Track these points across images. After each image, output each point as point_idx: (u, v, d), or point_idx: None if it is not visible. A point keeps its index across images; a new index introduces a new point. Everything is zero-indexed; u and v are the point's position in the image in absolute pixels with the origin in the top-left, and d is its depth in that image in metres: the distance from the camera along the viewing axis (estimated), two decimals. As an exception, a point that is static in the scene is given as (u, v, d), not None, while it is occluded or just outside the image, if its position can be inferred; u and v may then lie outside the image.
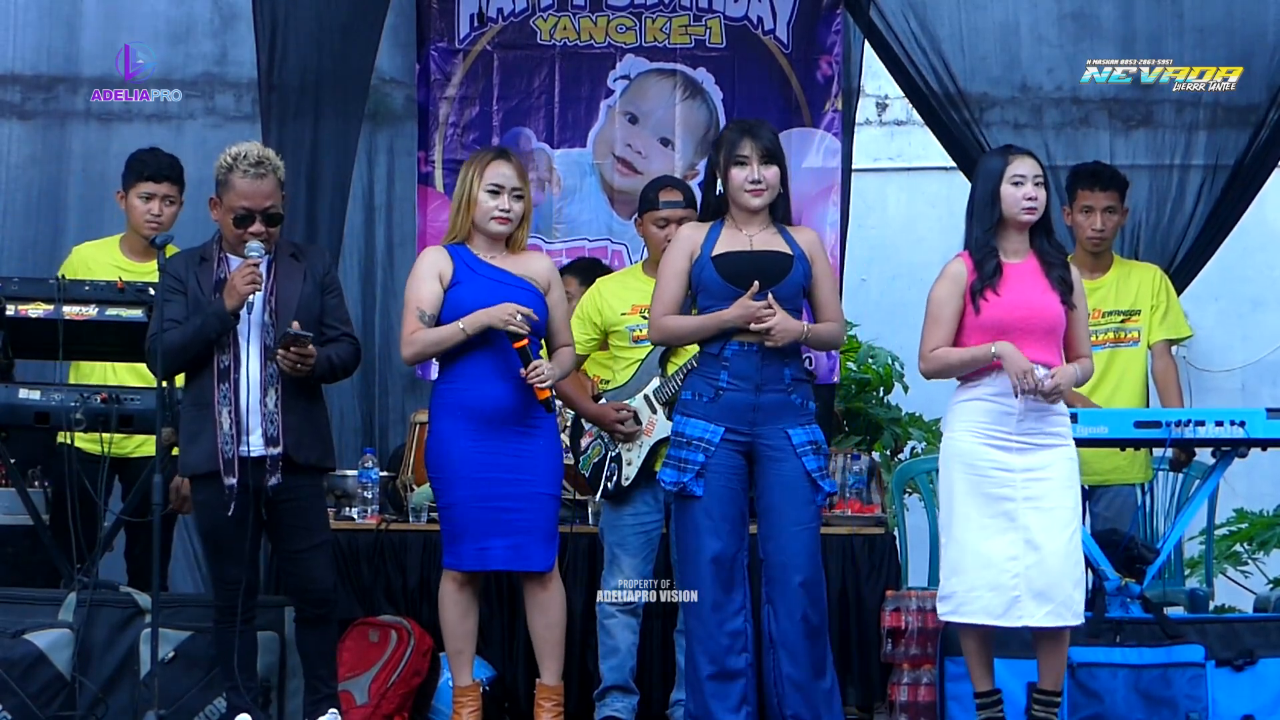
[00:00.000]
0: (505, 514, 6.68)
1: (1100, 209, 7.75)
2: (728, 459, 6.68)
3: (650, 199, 7.39)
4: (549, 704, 6.81)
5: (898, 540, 7.80)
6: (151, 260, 7.59)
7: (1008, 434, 6.53)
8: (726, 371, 6.68)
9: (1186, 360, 9.00)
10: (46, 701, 6.93)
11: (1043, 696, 6.58)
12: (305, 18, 8.06)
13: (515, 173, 6.77)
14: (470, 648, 6.83)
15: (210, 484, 6.64)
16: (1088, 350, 6.70)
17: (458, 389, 6.72)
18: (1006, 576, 6.47)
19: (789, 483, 6.67)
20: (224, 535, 6.66)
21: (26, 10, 8.58)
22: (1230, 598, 8.96)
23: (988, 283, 6.54)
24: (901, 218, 10.58)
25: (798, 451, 6.68)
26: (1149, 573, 7.14)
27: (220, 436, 6.60)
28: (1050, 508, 6.50)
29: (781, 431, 6.69)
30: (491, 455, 6.68)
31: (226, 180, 6.68)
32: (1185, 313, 7.97)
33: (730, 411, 6.67)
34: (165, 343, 6.60)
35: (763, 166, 6.72)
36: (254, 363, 6.65)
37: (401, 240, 8.88)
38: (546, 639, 6.80)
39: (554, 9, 8.79)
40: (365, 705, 7.15)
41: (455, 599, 6.78)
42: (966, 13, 8.30)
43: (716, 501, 6.67)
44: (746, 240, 6.74)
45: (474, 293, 6.70)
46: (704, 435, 6.67)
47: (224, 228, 6.73)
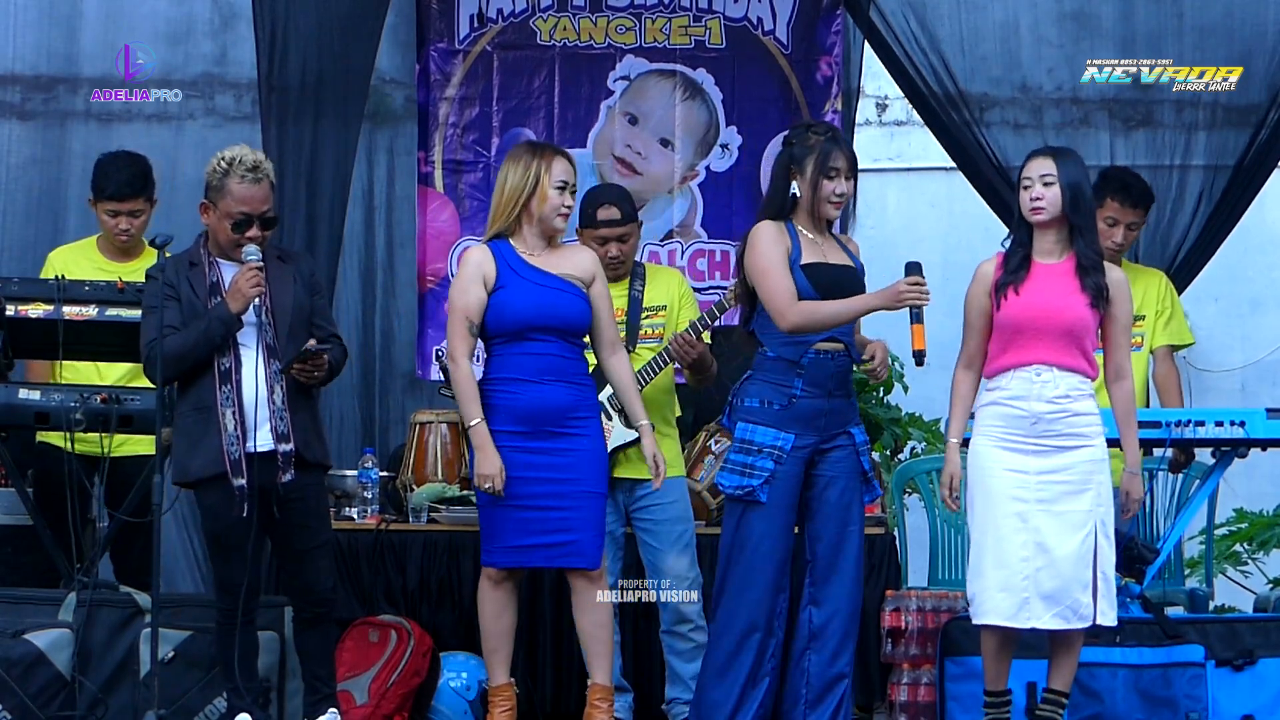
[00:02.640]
0: (552, 512, 6.67)
1: (1125, 224, 7.70)
2: (793, 468, 6.65)
3: (589, 215, 7.33)
4: (604, 704, 6.75)
5: (898, 540, 7.80)
6: (131, 260, 7.65)
7: (1023, 437, 6.52)
8: (803, 379, 6.65)
9: (1187, 361, 8.98)
10: (46, 701, 6.93)
11: (1052, 695, 6.59)
12: (305, 18, 8.06)
13: (571, 169, 6.81)
14: (505, 646, 6.79)
15: (216, 488, 6.62)
16: (1124, 358, 6.66)
17: (501, 390, 6.72)
18: (1018, 578, 6.47)
19: (848, 482, 6.70)
20: (230, 538, 6.65)
21: (26, 10, 8.58)
22: (1230, 598, 8.95)
23: (1010, 280, 6.55)
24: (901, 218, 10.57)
25: (859, 449, 6.72)
26: (1149, 573, 7.14)
27: (225, 438, 6.59)
28: (1063, 511, 6.50)
29: (845, 432, 6.72)
30: (536, 455, 6.68)
31: (222, 185, 6.65)
32: (1186, 314, 7.97)
33: (800, 419, 6.65)
34: (167, 348, 6.57)
35: (847, 181, 6.72)
36: (256, 363, 6.65)
37: (401, 240, 8.87)
38: (598, 638, 6.76)
39: (554, 9, 8.79)
40: (365, 705, 7.14)
41: (491, 596, 6.77)
42: (966, 13, 8.30)
43: (779, 511, 6.64)
44: (821, 251, 6.72)
45: (518, 297, 6.70)
46: (775, 443, 6.63)
47: (217, 232, 6.71)
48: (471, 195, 8.77)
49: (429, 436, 8.04)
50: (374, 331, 8.83)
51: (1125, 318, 6.66)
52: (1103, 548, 6.53)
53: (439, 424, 8.03)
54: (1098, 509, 6.54)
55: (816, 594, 6.71)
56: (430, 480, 7.94)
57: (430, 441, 8.04)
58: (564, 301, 6.71)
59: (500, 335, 6.74)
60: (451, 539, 7.70)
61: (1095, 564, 6.50)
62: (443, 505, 7.78)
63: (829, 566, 6.70)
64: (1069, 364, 6.54)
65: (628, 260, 7.37)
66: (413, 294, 8.84)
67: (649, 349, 7.35)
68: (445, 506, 7.77)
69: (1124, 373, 6.67)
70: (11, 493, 7.35)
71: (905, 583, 7.70)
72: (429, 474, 7.98)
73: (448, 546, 7.70)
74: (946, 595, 7.24)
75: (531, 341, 6.70)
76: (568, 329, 6.72)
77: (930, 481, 7.95)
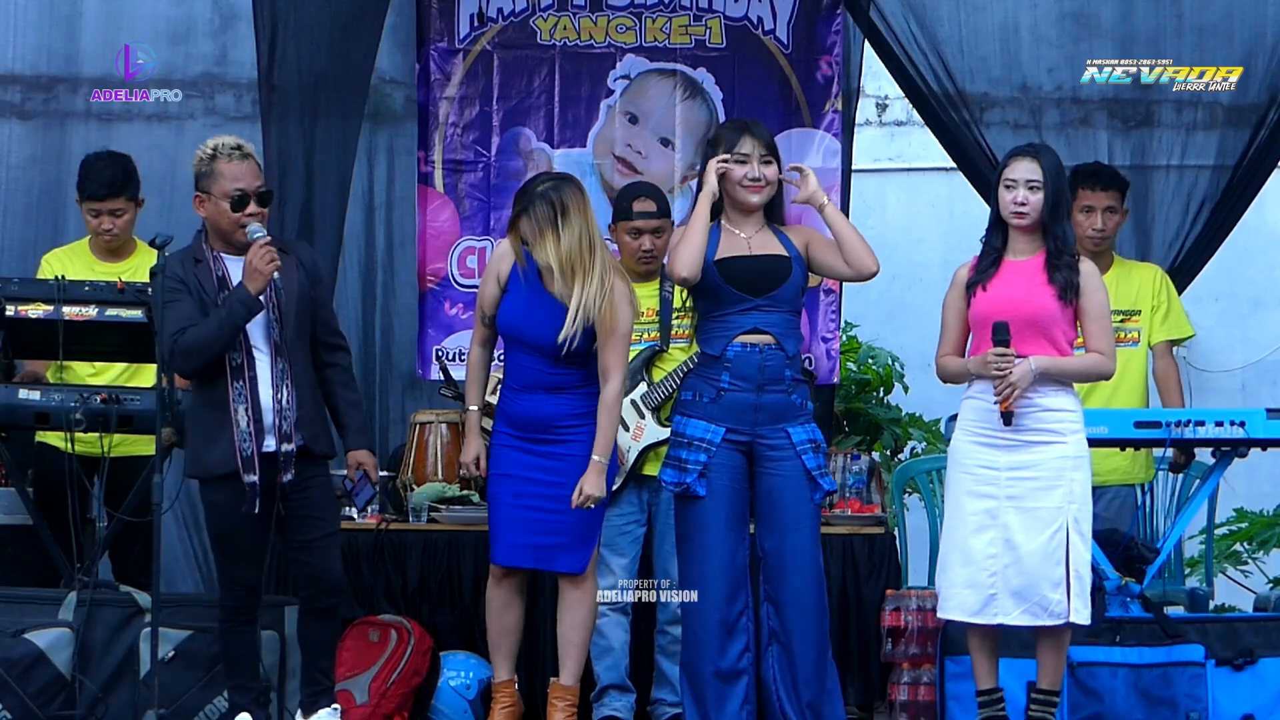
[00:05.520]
0: (540, 514, 6.73)
1: (1100, 208, 7.76)
2: (729, 458, 6.70)
3: (624, 208, 7.41)
4: (563, 704, 6.83)
5: (898, 540, 7.81)
6: (122, 260, 7.67)
7: (993, 431, 6.55)
8: (729, 373, 6.69)
9: (1186, 360, 8.99)
10: (46, 701, 6.94)
11: (1041, 696, 6.59)
12: (305, 18, 8.06)
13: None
14: (508, 643, 6.86)
15: (226, 485, 6.63)
16: (1100, 345, 6.64)
17: (503, 396, 6.86)
18: (984, 575, 6.52)
19: (788, 481, 6.70)
20: (239, 536, 6.66)
21: (26, 10, 8.57)
22: (1230, 598, 8.95)
23: (980, 278, 6.60)
24: (901, 218, 10.58)
25: (798, 450, 6.71)
26: (1149, 573, 7.15)
27: (238, 435, 6.60)
28: (1032, 508, 6.52)
29: (781, 430, 6.72)
30: (530, 456, 6.75)
31: (211, 170, 6.69)
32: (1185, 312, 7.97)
33: (731, 412, 6.69)
34: (191, 340, 6.57)
35: (763, 165, 6.75)
36: (265, 359, 6.66)
37: (401, 240, 8.87)
38: (570, 640, 6.83)
39: (554, 9, 8.79)
40: (365, 705, 7.15)
41: (494, 592, 6.84)
42: (966, 13, 8.30)
43: (719, 501, 6.69)
44: (745, 244, 6.76)
45: (510, 307, 6.79)
46: (705, 435, 6.69)
47: (217, 219, 6.72)
48: (471, 195, 8.76)
49: (429, 436, 8.05)
50: (374, 331, 8.82)
51: (1097, 308, 6.66)
52: (1075, 545, 6.52)
53: (439, 424, 8.04)
54: (1069, 506, 6.53)
55: (771, 592, 6.74)
56: (430, 480, 7.95)
57: (430, 441, 8.04)
58: (545, 323, 6.72)
59: (504, 339, 6.84)
60: (451, 539, 7.71)
61: (1068, 561, 6.50)
62: (443, 505, 7.79)
63: (779, 565, 6.72)
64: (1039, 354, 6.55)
65: (660, 256, 7.39)
66: (413, 294, 8.83)
67: (681, 350, 7.38)
68: (445, 506, 7.78)
69: (1094, 356, 6.66)
70: (11, 492, 7.35)
71: (905, 583, 7.70)
72: (429, 474, 7.99)
73: (448, 546, 7.71)
74: (947, 595, 7.24)
75: (518, 353, 6.79)
76: (541, 348, 6.74)
77: (930, 481, 7.95)
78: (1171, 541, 7.38)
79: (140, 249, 7.68)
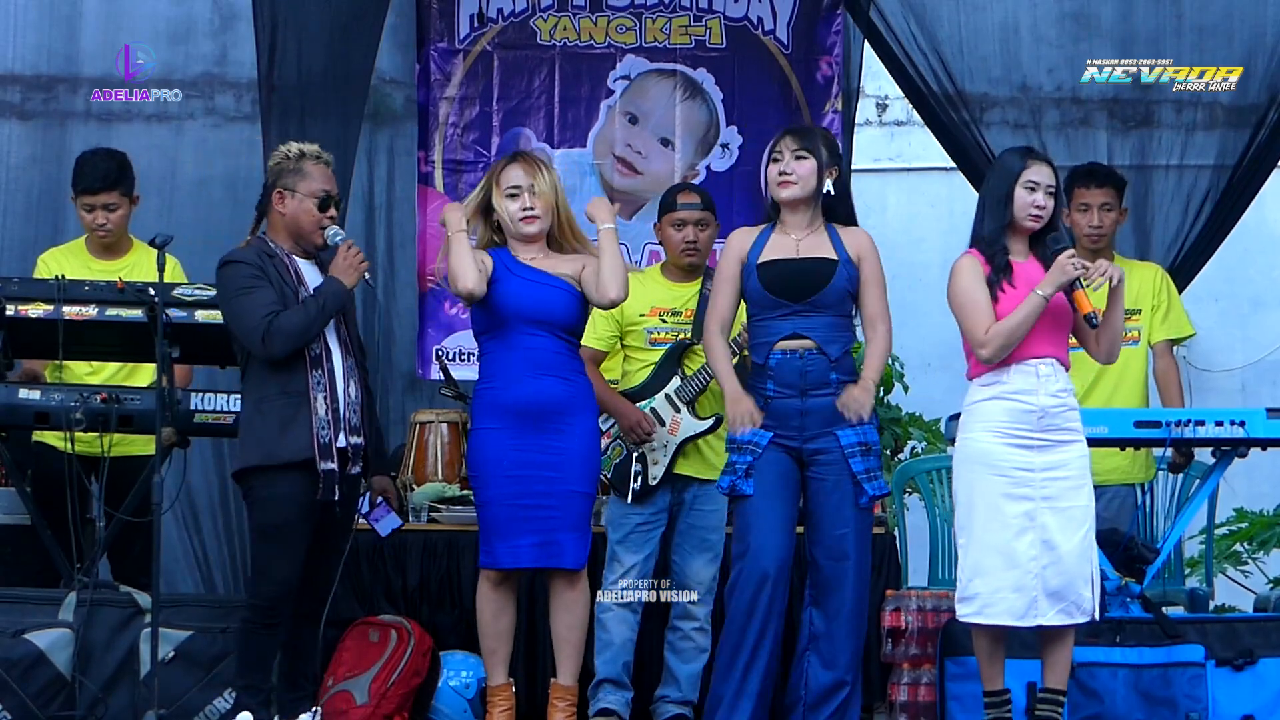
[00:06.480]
0: (537, 510, 6.71)
1: (1097, 206, 7.76)
2: (775, 458, 6.65)
3: (669, 201, 7.47)
4: (563, 704, 6.82)
5: (898, 540, 7.81)
6: (117, 257, 7.67)
7: (1030, 432, 6.51)
8: (773, 380, 6.66)
9: (1186, 360, 8.98)
10: (46, 701, 6.94)
11: (1048, 695, 6.58)
12: (305, 18, 8.06)
13: (524, 171, 6.82)
14: (504, 647, 6.84)
15: (294, 473, 6.57)
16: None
17: (494, 388, 6.78)
18: (1029, 578, 6.47)
19: (834, 485, 6.66)
20: (293, 530, 6.58)
21: (26, 10, 8.58)
22: (1230, 598, 8.95)
23: (1002, 277, 6.54)
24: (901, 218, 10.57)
25: (845, 453, 6.65)
26: (1149, 573, 7.14)
27: (316, 422, 6.59)
28: (1065, 507, 6.50)
29: (830, 434, 6.67)
30: (525, 453, 6.72)
31: (300, 168, 6.73)
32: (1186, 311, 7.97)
33: (778, 418, 6.66)
34: (288, 322, 6.57)
35: (795, 160, 6.72)
36: (338, 354, 6.71)
37: (402, 240, 8.88)
38: (568, 639, 6.82)
39: (554, 9, 8.80)
40: (365, 705, 7.14)
41: (489, 597, 6.81)
42: (966, 13, 8.30)
43: (764, 498, 6.64)
44: (793, 245, 6.73)
45: (511, 290, 6.76)
46: (752, 439, 6.65)
47: (298, 216, 6.73)
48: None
49: (429, 436, 8.05)
50: (374, 331, 8.82)
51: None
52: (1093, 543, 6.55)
53: (439, 424, 8.05)
54: (1093, 504, 6.56)
55: (818, 596, 6.71)
56: (430, 480, 7.95)
57: (430, 441, 8.05)
58: (554, 297, 6.76)
59: (491, 330, 6.79)
60: (451, 539, 7.71)
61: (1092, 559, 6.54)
62: (443, 505, 7.80)
63: (827, 570, 6.69)
64: (1062, 358, 6.56)
65: (704, 251, 7.42)
66: (413, 294, 8.84)
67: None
68: (445, 506, 7.79)
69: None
70: (11, 492, 7.35)
71: (905, 583, 7.70)
72: (429, 474, 7.99)
73: (448, 546, 7.71)
74: (946, 595, 7.21)
75: (523, 335, 6.74)
76: (557, 323, 6.76)
77: (930, 481, 7.95)
78: (1171, 541, 7.38)
79: (137, 247, 7.68)
